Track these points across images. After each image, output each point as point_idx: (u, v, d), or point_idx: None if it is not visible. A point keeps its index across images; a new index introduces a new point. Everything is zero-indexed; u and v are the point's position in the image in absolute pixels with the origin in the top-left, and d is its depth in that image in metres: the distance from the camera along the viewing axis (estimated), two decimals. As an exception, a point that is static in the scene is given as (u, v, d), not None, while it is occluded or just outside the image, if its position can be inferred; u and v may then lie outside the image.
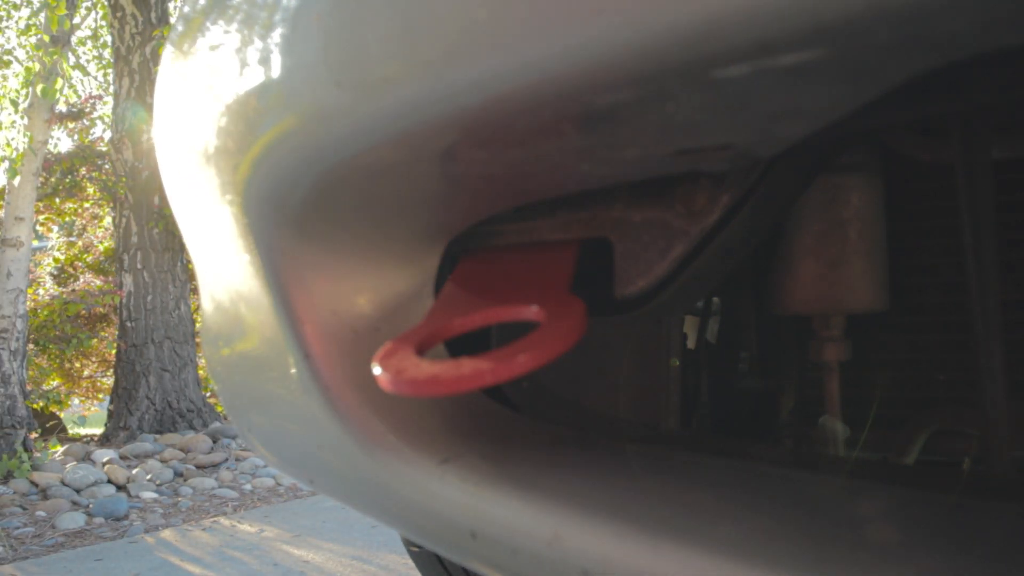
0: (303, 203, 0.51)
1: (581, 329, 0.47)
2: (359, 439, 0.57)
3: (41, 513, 3.55)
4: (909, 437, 0.66)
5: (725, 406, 0.73)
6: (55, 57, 4.81)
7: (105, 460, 4.47)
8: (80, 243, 7.88)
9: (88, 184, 7.26)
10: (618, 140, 0.44)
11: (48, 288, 7.29)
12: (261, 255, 0.56)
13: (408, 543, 1.09)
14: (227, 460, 4.81)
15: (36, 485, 4.01)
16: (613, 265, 0.56)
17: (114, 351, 6.45)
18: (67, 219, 7.87)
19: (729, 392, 0.74)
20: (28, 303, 5.58)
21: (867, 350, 0.69)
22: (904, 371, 0.69)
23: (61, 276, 7.63)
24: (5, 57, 5.94)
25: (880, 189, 0.62)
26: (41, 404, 6.24)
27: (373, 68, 0.41)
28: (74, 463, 4.39)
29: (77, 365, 7.60)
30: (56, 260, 7.77)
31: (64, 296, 6.52)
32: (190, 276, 6.25)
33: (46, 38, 4.93)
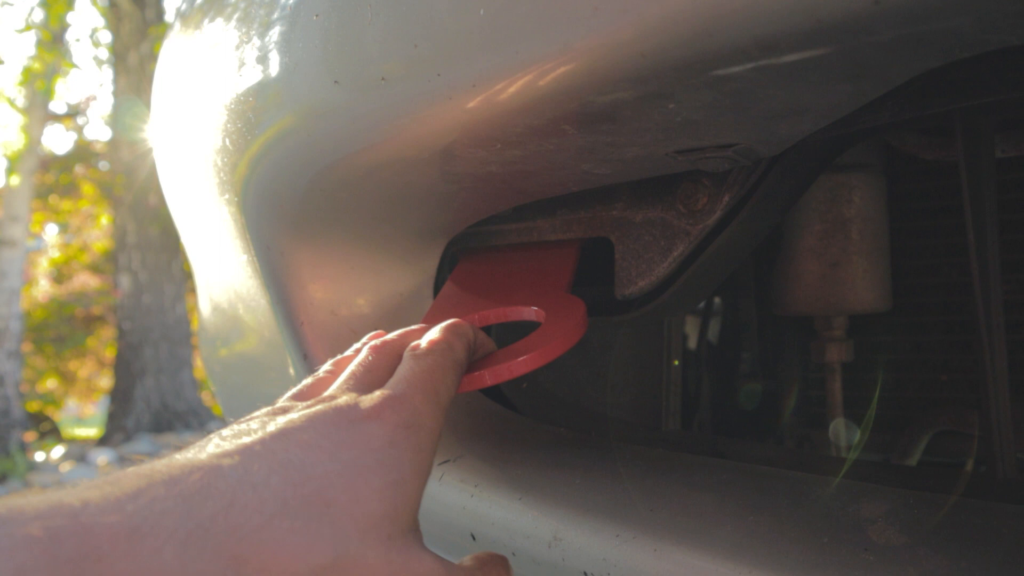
0: (301, 202, 0.51)
1: (581, 329, 0.46)
2: (358, 440, 0.57)
3: (37, 514, 3.54)
4: (912, 438, 0.66)
5: (726, 407, 0.73)
6: (55, 58, 4.81)
7: (102, 461, 4.46)
8: (77, 242, 7.87)
9: (84, 183, 7.25)
10: (619, 139, 0.43)
11: (44, 288, 7.28)
12: (259, 255, 0.55)
13: (406, 544, 1.08)
14: (224, 461, 4.81)
15: (32, 487, 4.00)
16: (613, 265, 0.56)
17: (109, 351, 6.44)
18: (63, 220, 7.85)
19: (730, 393, 0.74)
20: (24, 303, 5.57)
21: (869, 350, 0.69)
22: (906, 372, 0.69)
23: (58, 276, 7.62)
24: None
25: (883, 188, 0.62)
26: (39, 406, 6.23)
27: (372, 66, 0.41)
28: (71, 464, 4.38)
29: (73, 366, 7.59)
30: (51, 261, 7.75)
31: (60, 297, 6.52)
32: (186, 276, 6.23)
33: (47, 36, 4.93)
